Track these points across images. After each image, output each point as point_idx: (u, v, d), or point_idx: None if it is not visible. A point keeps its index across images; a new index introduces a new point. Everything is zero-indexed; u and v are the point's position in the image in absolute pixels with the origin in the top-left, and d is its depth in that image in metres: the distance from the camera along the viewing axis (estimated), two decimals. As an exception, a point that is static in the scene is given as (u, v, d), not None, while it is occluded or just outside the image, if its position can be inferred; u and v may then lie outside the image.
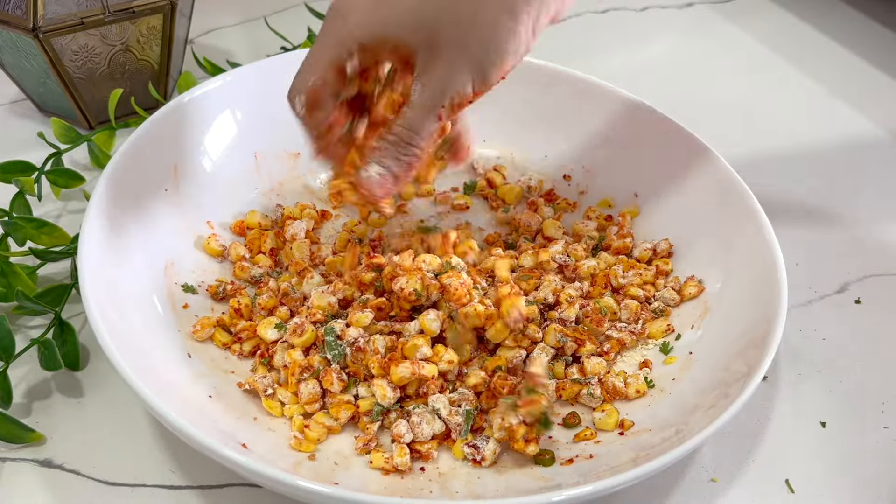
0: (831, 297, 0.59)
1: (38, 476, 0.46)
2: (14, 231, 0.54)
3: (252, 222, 0.58)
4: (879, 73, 0.82)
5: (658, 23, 0.88)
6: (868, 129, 0.75)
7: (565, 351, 0.51)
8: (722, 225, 0.55)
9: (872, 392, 0.53)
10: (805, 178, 0.69)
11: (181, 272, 0.53)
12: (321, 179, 0.62)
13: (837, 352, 0.55)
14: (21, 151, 0.63)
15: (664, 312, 0.54)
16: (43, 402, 0.49)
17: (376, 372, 0.47)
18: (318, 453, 0.45)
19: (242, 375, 0.49)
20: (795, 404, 0.52)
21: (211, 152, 0.58)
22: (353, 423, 0.47)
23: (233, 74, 0.60)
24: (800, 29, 0.88)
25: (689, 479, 0.48)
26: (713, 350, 0.50)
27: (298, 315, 0.50)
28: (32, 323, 0.54)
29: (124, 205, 0.51)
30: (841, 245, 0.63)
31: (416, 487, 0.43)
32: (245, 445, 0.43)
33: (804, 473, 0.48)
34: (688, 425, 0.44)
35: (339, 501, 0.39)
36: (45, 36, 0.61)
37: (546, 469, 0.45)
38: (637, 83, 0.76)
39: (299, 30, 0.77)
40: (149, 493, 0.45)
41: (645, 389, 0.50)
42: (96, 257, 0.47)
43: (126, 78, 0.67)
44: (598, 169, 0.62)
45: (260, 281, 0.54)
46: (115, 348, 0.42)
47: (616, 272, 0.55)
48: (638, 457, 0.43)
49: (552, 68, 0.64)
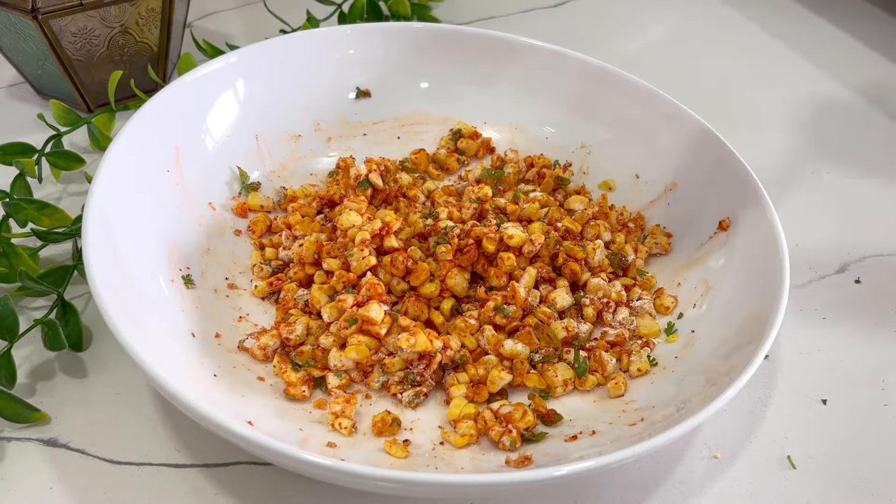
0: (832, 277, 0.59)
1: (44, 455, 0.46)
2: (15, 212, 0.54)
3: (254, 204, 0.58)
4: (880, 58, 0.82)
5: (659, 4, 0.88)
6: (869, 112, 0.75)
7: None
8: (723, 205, 0.55)
9: (872, 370, 0.53)
10: (805, 160, 0.69)
11: (184, 252, 0.53)
12: (322, 162, 0.62)
13: (838, 331, 0.56)
14: (20, 134, 0.63)
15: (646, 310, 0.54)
16: (47, 382, 0.49)
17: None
18: (327, 432, 0.45)
19: (247, 357, 0.49)
20: (796, 382, 0.52)
21: (213, 133, 0.58)
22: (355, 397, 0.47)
23: (234, 55, 0.60)
24: (798, 12, 0.88)
25: (691, 455, 0.48)
26: (715, 328, 0.50)
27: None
28: (35, 304, 0.53)
29: (127, 185, 0.51)
30: (841, 226, 0.63)
31: (423, 463, 0.44)
32: (251, 423, 0.43)
33: (805, 450, 0.49)
34: (690, 403, 0.44)
35: (346, 475, 0.39)
36: (43, 17, 0.60)
37: (549, 445, 0.45)
38: (638, 66, 0.77)
39: (298, 13, 0.77)
40: (154, 472, 0.45)
41: (648, 368, 0.50)
42: (100, 237, 0.47)
43: (125, 60, 0.67)
44: (599, 150, 0.62)
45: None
46: (120, 325, 0.42)
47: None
48: (641, 433, 0.43)
49: (555, 50, 0.64)
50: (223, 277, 0.54)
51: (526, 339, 0.50)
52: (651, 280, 0.55)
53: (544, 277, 0.53)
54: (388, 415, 0.46)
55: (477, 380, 0.49)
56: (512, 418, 0.46)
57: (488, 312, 0.51)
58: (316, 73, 0.63)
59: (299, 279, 0.53)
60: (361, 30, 0.64)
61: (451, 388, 0.48)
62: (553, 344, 0.50)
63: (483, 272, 0.53)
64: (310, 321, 0.50)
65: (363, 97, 0.65)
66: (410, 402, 0.48)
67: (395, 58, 0.65)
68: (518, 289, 0.51)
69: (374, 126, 0.65)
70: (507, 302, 0.51)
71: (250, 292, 0.54)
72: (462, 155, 0.64)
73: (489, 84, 0.65)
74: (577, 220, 0.57)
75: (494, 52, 0.64)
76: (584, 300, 0.53)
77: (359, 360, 0.48)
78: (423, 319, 0.51)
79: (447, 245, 0.52)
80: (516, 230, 0.53)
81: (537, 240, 0.52)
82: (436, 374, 0.49)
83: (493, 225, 0.54)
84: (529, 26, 0.84)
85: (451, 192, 0.60)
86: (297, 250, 0.53)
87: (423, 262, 0.52)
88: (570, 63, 0.63)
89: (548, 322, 0.51)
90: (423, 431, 0.46)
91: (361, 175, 0.57)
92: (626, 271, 0.56)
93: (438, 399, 0.49)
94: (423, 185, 0.61)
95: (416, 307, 0.51)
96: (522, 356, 0.49)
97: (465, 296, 0.53)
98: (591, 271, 0.54)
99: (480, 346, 0.50)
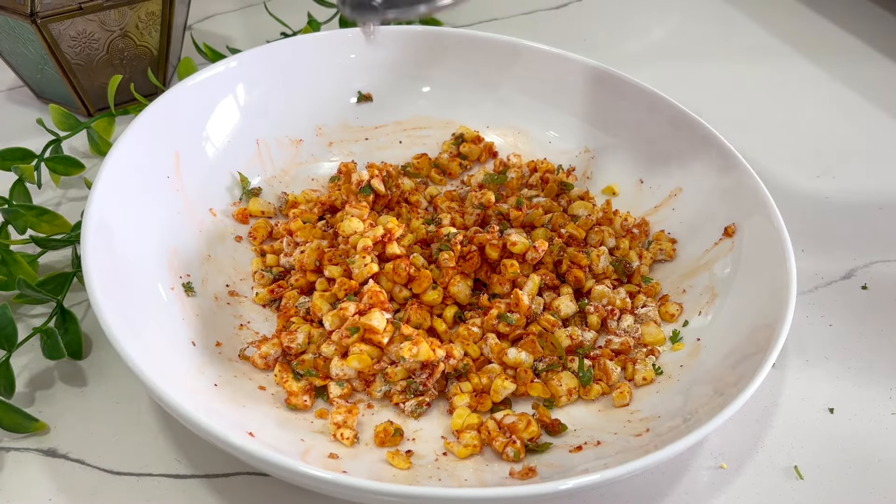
0: (838, 283, 0.59)
1: (43, 465, 0.45)
2: (14, 219, 0.54)
3: (255, 210, 0.58)
4: (884, 59, 0.81)
5: (661, 5, 0.88)
6: (874, 115, 0.75)
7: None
8: (729, 210, 0.55)
9: (880, 378, 0.53)
10: (811, 164, 0.69)
11: (184, 259, 0.52)
12: (323, 167, 0.62)
13: (845, 338, 0.55)
14: (19, 139, 0.63)
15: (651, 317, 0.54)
16: (46, 391, 0.49)
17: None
18: (329, 443, 0.45)
19: (248, 366, 0.49)
20: (803, 391, 0.52)
21: (213, 139, 0.58)
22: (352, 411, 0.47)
23: (235, 60, 0.59)
24: (804, 14, 0.88)
25: (698, 465, 0.47)
26: (721, 337, 0.49)
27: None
28: (34, 312, 0.53)
29: (127, 191, 0.51)
30: (847, 231, 0.63)
31: (425, 475, 0.43)
32: (252, 434, 0.42)
33: (813, 460, 0.48)
34: (697, 414, 0.44)
35: (347, 489, 0.38)
36: (42, 21, 0.60)
37: (553, 456, 0.45)
38: (640, 67, 0.76)
39: (299, 15, 0.77)
40: (154, 483, 0.45)
41: (653, 377, 0.49)
42: (99, 244, 0.47)
43: (125, 64, 0.66)
44: (603, 155, 0.62)
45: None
46: (119, 335, 0.42)
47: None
48: (646, 444, 0.43)
49: (559, 54, 0.63)
50: (224, 284, 0.53)
51: (529, 347, 0.49)
52: (656, 287, 0.55)
53: (548, 284, 0.53)
54: (390, 425, 0.46)
55: (480, 389, 0.48)
56: (516, 429, 0.45)
57: (491, 320, 0.50)
58: (317, 77, 0.63)
59: (301, 286, 0.53)
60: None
61: (454, 398, 0.48)
62: (557, 352, 0.50)
63: (486, 279, 0.53)
64: (311, 329, 0.50)
65: (365, 101, 0.64)
66: (413, 412, 0.47)
67: (396, 61, 0.64)
68: (521, 296, 0.50)
69: (376, 130, 0.64)
70: (510, 310, 0.51)
71: (251, 299, 0.53)
72: (465, 159, 0.63)
73: (492, 88, 0.65)
74: (580, 225, 0.56)
75: (497, 56, 0.64)
76: (588, 308, 0.52)
77: (361, 369, 0.47)
78: (425, 327, 0.50)
79: (450, 252, 0.52)
80: (519, 237, 0.52)
81: (541, 247, 0.52)
82: (438, 384, 0.48)
83: (496, 231, 0.53)
84: (531, 28, 0.83)
85: (454, 198, 0.60)
86: (298, 257, 0.53)
87: (425, 270, 0.51)
88: (574, 67, 0.63)
89: (552, 330, 0.51)
90: (425, 442, 0.46)
91: (363, 181, 0.56)
92: (630, 278, 0.55)
93: (441, 409, 0.48)
94: (425, 191, 0.61)
95: (418, 315, 0.50)
96: (526, 365, 0.49)
97: (467, 303, 0.52)
98: (595, 278, 0.54)
99: (484, 355, 0.50)
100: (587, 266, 0.53)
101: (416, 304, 0.51)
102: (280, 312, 0.52)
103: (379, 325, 0.47)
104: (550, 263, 0.54)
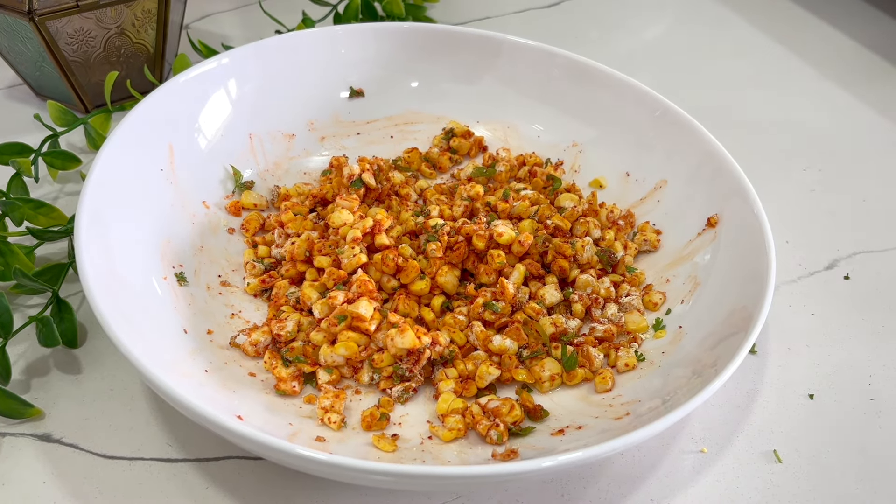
0: (820, 274, 0.60)
1: (38, 450, 0.46)
2: (12, 211, 0.55)
3: (247, 202, 0.59)
4: (870, 54, 0.82)
5: (654, 4, 0.89)
6: (860, 110, 0.75)
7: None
8: (712, 201, 0.56)
9: (859, 365, 0.54)
10: (795, 157, 0.70)
11: (177, 250, 0.53)
12: (315, 161, 0.63)
13: (826, 326, 0.56)
14: (18, 135, 0.64)
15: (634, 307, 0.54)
16: (41, 378, 0.50)
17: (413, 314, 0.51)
18: (316, 427, 0.46)
19: (238, 353, 0.50)
20: (784, 377, 0.53)
21: (206, 132, 0.59)
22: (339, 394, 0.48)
23: (227, 56, 0.60)
24: (792, 11, 0.89)
25: (678, 449, 0.48)
26: (702, 322, 0.50)
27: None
28: (30, 302, 0.54)
29: (120, 183, 0.52)
30: (830, 223, 0.64)
31: (410, 457, 0.44)
32: (241, 417, 0.43)
33: (792, 444, 0.49)
34: (676, 395, 0.45)
35: (334, 468, 0.39)
36: (40, 19, 0.61)
37: (536, 439, 0.46)
38: (633, 66, 0.77)
39: (294, 14, 0.78)
40: (146, 466, 0.46)
41: (635, 363, 0.50)
42: (93, 235, 0.48)
43: (122, 61, 0.67)
44: (590, 148, 0.63)
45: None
46: (112, 323, 0.43)
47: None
48: (627, 426, 0.44)
49: (542, 48, 0.64)
50: (216, 275, 0.54)
51: (514, 335, 0.50)
52: (640, 276, 0.56)
53: (533, 274, 0.54)
54: (376, 409, 0.47)
55: (465, 375, 0.49)
56: (499, 412, 0.46)
57: (477, 309, 0.51)
58: (309, 72, 0.64)
59: (291, 276, 0.54)
60: (353, 30, 0.65)
61: (439, 384, 0.49)
62: (541, 340, 0.51)
63: (473, 269, 0.54)
64: (301, 318, 0.51)
65: (356, 96, 0.65)
66: (399, 398, 0.48)
67: (386, 57, 0.65)
68: (507, 285, 0.51)
69: (367, 125, 0.65)
70: (496, 298, 0.52)
71: (243, 290, 0.54)
72: (455, 154, 0.64)
73: (480, 83, 0.66)
74: (566, 217, 0.57)
75: (482, 51, 0.65)
76: (572, 297, 0.53)
77: (348, 356, 0.48)
78: (413, 316, 0.51)
79: (437, 242, 0.53)
80: (506, 228, 0.53)
81: (526, 240, 0.53)
82: (425, 370, 0.49)
83: (484, 223, 0.54)
84: (524, 26, 0.84)
85: (444, 191, 0.61)
86: (289, 248, 0.54)
87: (413, 260, 0.52)
88: (558, 61, 0.64)
89: (536, 318, 0.51)
90: (411, 426, 0.47)
91: (355, 174, 0.57)
92: (615, 268, 0.56)
93: (427, 394, 0.49)
94: (415, 184, 0.62)
95: (406, 304, 0.51)
96: (511, 352, 0.50)
97: (455, 293, 0.53)
98: (580, 268, 0.55)
99: (469, 342, 0.51)
100: (572, 256, 0.54)
101: (405, 293, 0.52)
102: (271, 302, 0.53)
103: (366, 313, 0.48)
104: (536, 254, 0.55)
